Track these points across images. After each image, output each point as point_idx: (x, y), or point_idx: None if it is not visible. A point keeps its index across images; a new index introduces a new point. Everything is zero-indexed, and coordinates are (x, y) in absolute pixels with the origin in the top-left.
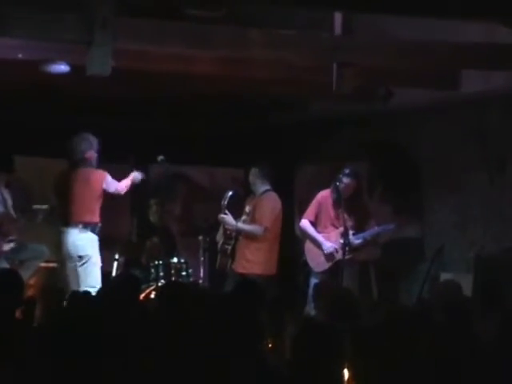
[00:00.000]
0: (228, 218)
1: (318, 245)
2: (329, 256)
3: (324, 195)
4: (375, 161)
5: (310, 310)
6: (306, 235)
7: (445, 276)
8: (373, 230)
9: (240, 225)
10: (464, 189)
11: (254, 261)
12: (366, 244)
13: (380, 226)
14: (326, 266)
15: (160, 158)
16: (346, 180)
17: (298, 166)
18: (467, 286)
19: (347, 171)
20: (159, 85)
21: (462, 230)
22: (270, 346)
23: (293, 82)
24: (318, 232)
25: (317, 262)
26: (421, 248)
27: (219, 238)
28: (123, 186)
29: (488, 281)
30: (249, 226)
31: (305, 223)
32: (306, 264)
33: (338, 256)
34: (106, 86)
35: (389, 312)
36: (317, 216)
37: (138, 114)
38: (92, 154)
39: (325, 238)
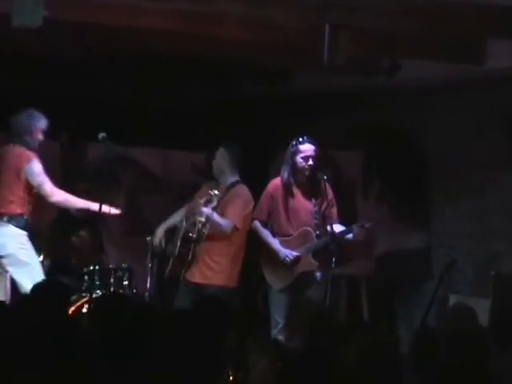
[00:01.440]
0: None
1: (275, 253)
2: (288, 267)
3: (276, 184)
4: (371, 151)
5: (277, 334)
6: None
7: (455, 299)
8: (321, 239)
9: (216, 215)
10: (482, 190)
11: (216, 269)
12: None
13: (339, 230)
14: (285, 281)
15: (101, 135)
16: (301, 148)
17: (274, 153)
18: (483, 312)
19: (300, 139)
20: (101, 42)
21: (478, 242)
22: (230, 378)
23: (273, 46)
24: (276, 235)
25: (274, 276)
26: (426, 262)
27: (158, 240)
28: (69, 198)
29: (510, 307)
30: (221, 218)
31: (255, 225)
32: (263, 278)
33: (303, 267)
34: (35, 40)
35: (382, 344)
36: (270, 213)
37: (73, 79)
38: (32, 132)
39: (283, 243)
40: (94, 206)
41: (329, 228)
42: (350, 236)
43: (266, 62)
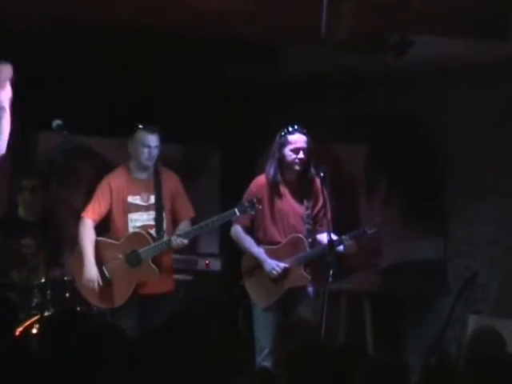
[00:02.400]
0: None
1: (259, 264)
2: (275, 281)
3: (261, 182)
4: (377, 143)
5: (263, 361)
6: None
7: (476, 320)
8: (313, 250)
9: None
10: (509, 190)
11: (171, 275)
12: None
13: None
14: (271, 298)
15: (56, 123)
16: (291, 139)
17: (262, 145)
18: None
19: (290, 128)
20: (42, 5)
21: (504, 252)
22: None
23: (260, 18)
24: (261, 243)
25: (258, 292)
26: (442, 276)
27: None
28: None
29: None
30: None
31: (236, 231)
32: (244, 294)
33: (293, 281)
34: None
35: (388, 372)
36: (253, 217)
37: (20, 55)
38: None
39: (269, 252)
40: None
41: (325, 234)
42: (340, 248)
43: (249, 36)
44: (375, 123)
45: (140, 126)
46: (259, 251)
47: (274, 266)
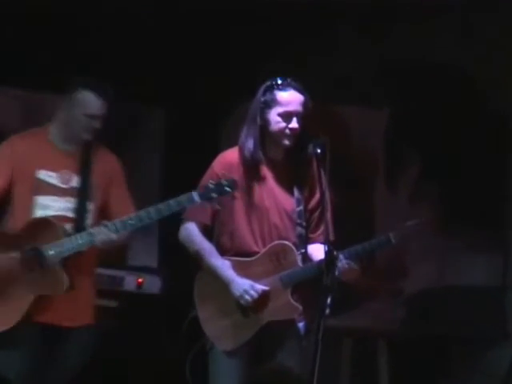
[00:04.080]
0: None
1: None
2: (248, 312)
3: (230, 160)
4: (405, 106)
5: None
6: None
7: None
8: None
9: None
10: None
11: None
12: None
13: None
14: (240, 337)
15: None
16: (280, 97)
17: (232, 104)
18: None
19: (279, 81)
20: None
21: None
22: None
23: None
24: (227, 252)
25: (220, 328)
26: (498, 311)
27: None
28: None
29: None
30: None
31: (189, 233)
32: (196, 329)
33: (276, 312)
34: None
35: None
36: (215, 213)
37: None
38: None
39: (240, 267)
40: None
41: (319, 246)
42: (340, 266)
43: None
44: (402, 76)
45: (82, 84)
46: (224, 265)
47: (247, 288)
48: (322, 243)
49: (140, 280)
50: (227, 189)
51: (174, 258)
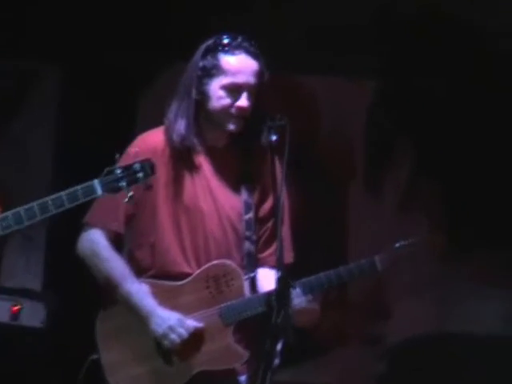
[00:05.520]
0: None
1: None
2: (173, 359)
3: (153, 145)
4: (395, 78)
5: None
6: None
7: None
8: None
9: None
10: None
11: None
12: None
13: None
14: None
15: None
16: (225, 63)
17: (154, 69)
18: None
19: (226, 39)
20: None
21: None
22: None
23: None
24: (147, 273)
25: (136, 379)
26: None
27: None
28: None
29: None
30: None
31: (92, 243)
32: (99, 379)
33: (212, 361)
34: None
35: None
36: (131, 217)
37: None
38: None
39: (163, 295)
40: None
41: (269, 272)
42: (296, 303)
43: None
44: (400, 35)
45: None
46: (140, 292)
47: (173, 324)
48: (272, 267)
49: (16, 308)
50: (140, 174)
51: (65, 278)
